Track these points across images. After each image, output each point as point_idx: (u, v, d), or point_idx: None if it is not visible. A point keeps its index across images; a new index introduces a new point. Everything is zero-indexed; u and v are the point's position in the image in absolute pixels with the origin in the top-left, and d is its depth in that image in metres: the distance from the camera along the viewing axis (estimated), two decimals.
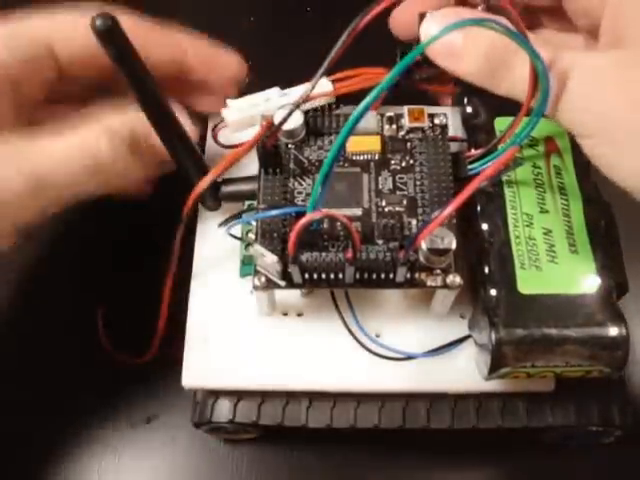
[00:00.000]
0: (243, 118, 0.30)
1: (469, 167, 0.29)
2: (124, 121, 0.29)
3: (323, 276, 0.27)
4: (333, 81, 0.31)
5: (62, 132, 0.28)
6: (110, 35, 0.23)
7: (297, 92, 0.31)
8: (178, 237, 0.30)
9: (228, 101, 0.31)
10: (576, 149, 0.30)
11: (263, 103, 0.30)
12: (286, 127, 0.29)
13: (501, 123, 0.30)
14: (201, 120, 0.33)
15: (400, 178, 0.29)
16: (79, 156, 0.27)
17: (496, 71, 0.26)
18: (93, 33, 0.23)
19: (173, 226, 0.30)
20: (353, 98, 0.30)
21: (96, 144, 0.28)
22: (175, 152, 0.28)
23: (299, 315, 0.31)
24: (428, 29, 0.26)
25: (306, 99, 0.29)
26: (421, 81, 0.31)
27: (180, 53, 0.31)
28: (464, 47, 0.26)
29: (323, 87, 0.30)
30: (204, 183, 0.29)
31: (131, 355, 0.32)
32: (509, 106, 0.30)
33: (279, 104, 0.30)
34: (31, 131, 0.28)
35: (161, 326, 0.31)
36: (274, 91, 0.31)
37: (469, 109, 0.32)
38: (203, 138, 0.34)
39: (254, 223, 0.29)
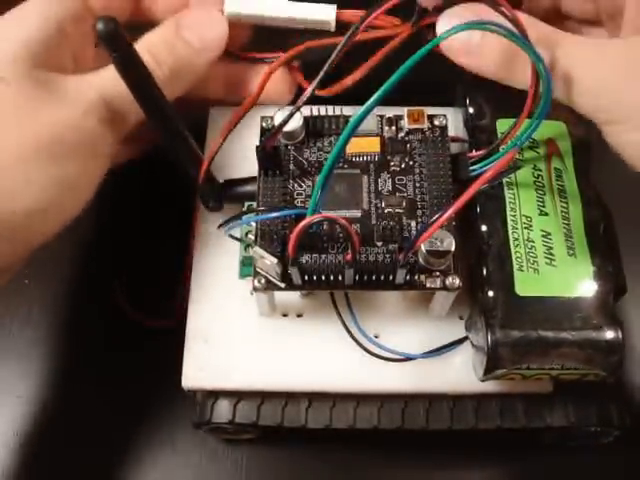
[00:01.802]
0: (243, 14, 0.31)
1: (471, 169, 0.29)
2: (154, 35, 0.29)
3: (323, 278, 0.27)
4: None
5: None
6: (112, 38, 0.23)
7: (302, 9, 0.31)
8: (197, 210, 0.31)
9: None
10: (577, 152, 0.30)
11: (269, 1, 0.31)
12: (286, 129, 0.29)
13: (503, 124, 0.30)
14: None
15: (399, 180, 0.29)
16: None
17: (512, 65, 0.26)
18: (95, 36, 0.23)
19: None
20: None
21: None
22: (176, 148, 0.29)
23: (299, 316, 0.31)
24: (443, 27, 0.27)
25: (308, 99, 0.29)
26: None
27: None
28: (480, 45, 0.27)
29: (325, 14, 0.31)
30: (215, 146, 0.29)
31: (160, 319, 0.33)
32: (512, 107, 0.31)
33: (282, 9, 0.31)
34: None
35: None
36: None
37: (471, 110, 0.31)
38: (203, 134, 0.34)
39: (254, 224, 0.29)
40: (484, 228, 0.28)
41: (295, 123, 0.29)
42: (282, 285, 0.27)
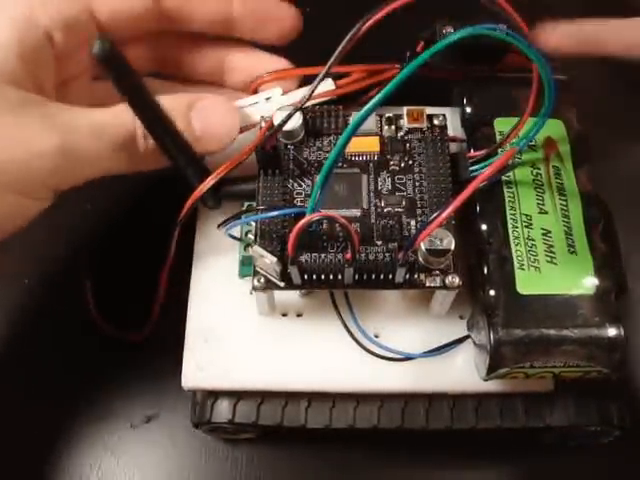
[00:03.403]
0: (244, 116, 0.30)
1: (471, 169, 0.29)
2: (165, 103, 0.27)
3: (322, 277, 0.27)
4: (335, 78, 0.31)
5: (100, 107, 0.27)
6: (109, 58, 0.23)
7: (298, 93, 0.31)
8: (174, 238, 0.30)
9: None
10: (576, 150, 0.30)
11: (264, 102, 0.30)
12: (285, 128, 0.29)
13: (501, 124, 0.30)
14: None
15: (399, 179, 0.29)
16: (113, 131, 0.26)
17: None
18: (92, 56, 0.22)
19: (172, 219, 0.30)
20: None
21: (132, 123, 0.26)
22: (176, 160, 0.28)
23: (298, 316, 0.31)
24: None
25: (307, 100, 0.29)
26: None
27: (225, 3, 0.30)
28: None
29: (325, 86, 0.30)
30: (204, 187, 0.29)
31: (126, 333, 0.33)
32: (509, 106, 0.31)
33: (280, 104, 0.30)
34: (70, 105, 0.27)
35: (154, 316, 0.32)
36: (275, 91, 0.31)
37: (469, 109, 0.32)
38: None
39: (253, 224, 0.29)
40: (484, 227, 0.28)
41: (294, 122, 0.29)
42: (282, 284, 0.27)
